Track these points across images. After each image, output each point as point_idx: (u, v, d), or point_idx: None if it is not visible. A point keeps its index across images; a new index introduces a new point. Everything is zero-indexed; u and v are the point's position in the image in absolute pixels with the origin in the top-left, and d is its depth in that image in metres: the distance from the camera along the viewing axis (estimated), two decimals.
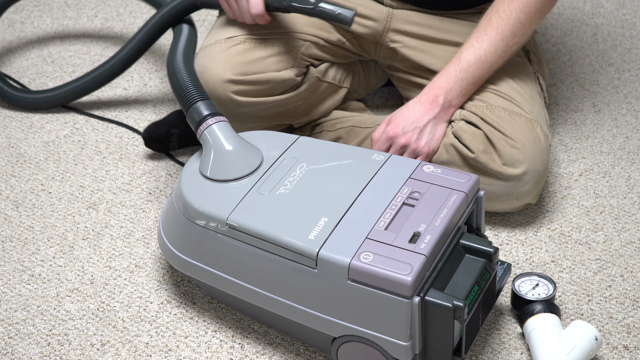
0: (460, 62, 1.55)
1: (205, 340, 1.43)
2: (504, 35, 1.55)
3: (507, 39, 1.55)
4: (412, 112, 1.55)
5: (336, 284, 1.24)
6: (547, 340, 1.33)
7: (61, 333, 1.45)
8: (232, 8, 1.61)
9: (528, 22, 1.55)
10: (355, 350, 1.30)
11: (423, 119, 1.54)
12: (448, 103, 1.56)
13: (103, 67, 1.84)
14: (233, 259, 1.34)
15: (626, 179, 1.72)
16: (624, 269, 1.53)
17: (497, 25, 1.55)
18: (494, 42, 1.55)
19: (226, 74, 1.59)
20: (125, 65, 1.83)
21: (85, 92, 1.88)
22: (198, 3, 1.71)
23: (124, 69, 1.84)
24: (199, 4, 1.71)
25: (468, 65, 1.55)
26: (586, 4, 2.24)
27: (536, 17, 1.55)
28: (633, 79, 1.98)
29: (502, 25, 1.54)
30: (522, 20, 1.54)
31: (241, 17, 1.62)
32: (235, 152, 1.41)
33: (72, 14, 2.27)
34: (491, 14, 1.56)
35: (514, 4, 1.54)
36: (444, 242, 1.28)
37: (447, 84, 1.55)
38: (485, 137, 1.55)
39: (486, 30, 1.55)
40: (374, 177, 1.36)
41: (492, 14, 1.56)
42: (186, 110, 1.47)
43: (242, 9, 1.59)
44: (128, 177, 1.76)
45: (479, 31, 1.56)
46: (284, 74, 1.63)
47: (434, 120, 1.55)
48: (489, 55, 1.55)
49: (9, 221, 1.66)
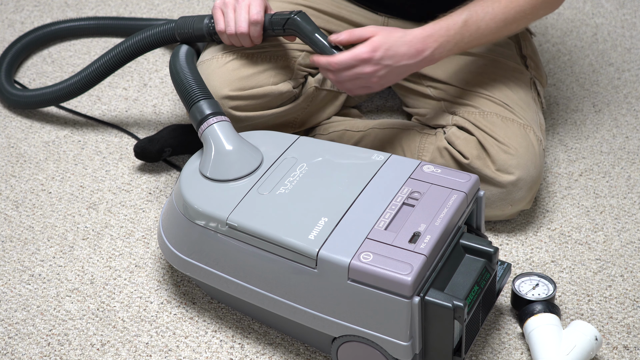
0: (464, 26, 1.48)
1: (205, 340, 1.43)
2: (506, 18, 1.50)
3: (508, 23, 1.51)
4: (397, 50, 1.46)
5: (336, 284, 1.24)
6: (547, 340, 1.33)
7: (61, 333, 1.45)
8: (227, 17, 1.55)
9: (530, 15, 1.52)
10: (355, 350, 1.30)
11: (400, 61, 1.47)
12: (429, 58, 1.49)
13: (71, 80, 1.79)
14: (233, 259, 1.34)
15: (626, 179, 1.72)
16: (624, 269, 1.53)
17: (505, 5, 1.50)
18: (496, 20, 1.50)
19: (224, 90, 1.57)
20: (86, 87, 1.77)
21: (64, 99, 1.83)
22: (178, 37, 1.63)
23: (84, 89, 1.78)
24: (179, 39, 1.64)
25: (467, 33, 1.49)
26: (586, 4, 2.24)
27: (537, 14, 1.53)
28: (633, 79, 1.98)
29: (509, 7, 1.50)
30: (527, 11, 1.51)
31: (235, 29, 1.55)
32: (235, 152, 1.41)
33: (72, 14, 2.27)
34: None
35: None
36: (444, 242, 1.28)
37: (440, 41, 1.48)
38: (478, 143, 1.55)
39: (493, 6, 1.50)
40: (374, 177, 1.36)
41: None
42: (188, 108, 1.48)
43: (239, 16, 1.54)
44: (128, 177, 1.76)
45: (486, 1, 1.50)
46: (282, 87, 1.61)
47: (405, 67, 1.48)
48: (487, 31, 1.50)
49: (9, 221, 1.66)
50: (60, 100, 1.82)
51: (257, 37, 1.55)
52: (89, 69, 1.74)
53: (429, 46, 1.47)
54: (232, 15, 1.55)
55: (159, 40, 1.66)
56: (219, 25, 1.57)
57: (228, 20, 1.55)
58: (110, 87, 2.00)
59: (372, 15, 1.70)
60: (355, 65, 1.45)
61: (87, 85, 1.76)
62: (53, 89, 1.81)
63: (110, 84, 2.00)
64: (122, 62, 1.71)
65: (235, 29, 1.55)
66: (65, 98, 1.81)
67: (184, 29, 1.61)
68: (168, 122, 1.89)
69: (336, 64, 1.45)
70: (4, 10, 2.28)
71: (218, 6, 1.56)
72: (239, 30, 1.54)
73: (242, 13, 1.54)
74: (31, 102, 1.86)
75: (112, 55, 1.70)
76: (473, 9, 1.50)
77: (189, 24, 1.61)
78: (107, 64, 1.72)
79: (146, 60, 2.08)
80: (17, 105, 1.89)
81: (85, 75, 1.75)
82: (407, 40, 1.46)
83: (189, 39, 1.62)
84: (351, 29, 1.67)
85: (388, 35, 1.45)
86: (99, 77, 1.74)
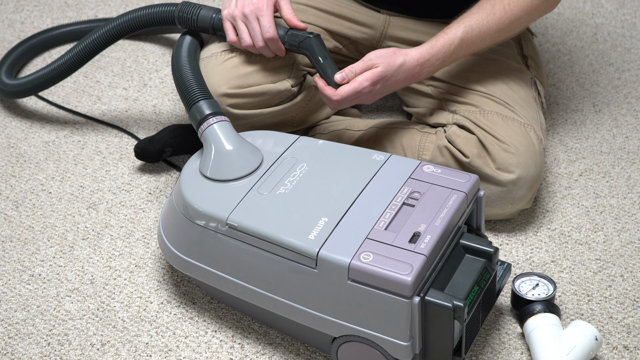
0: (460, 45, 1.52)
1: (205, 340, 1.43)
2: (501, 28, 1.53)
3: (503, 32, 1.54)
4: (395, 79, 1.50)
5: (336, 284, 1.24)
6: (547, 340, 1.33)
7: (61, 333, 1.45)
8: (239, 31, 1.55)
9: (525, 21, 1.54)
10: (355, 350, 1.30)
11: (397, 85, 1.52)
12: (424, 77, 1.54)
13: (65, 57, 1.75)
14: (233, 259, 1.34)
15: (626, 179, 1.72)
16: (624, 269, 1.53)
17: (500, 17, 1.52)
18: (491, 32, 1.53)
19: (222, 88, 1.57)
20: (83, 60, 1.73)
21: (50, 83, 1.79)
22: (177, 21, 1.62)
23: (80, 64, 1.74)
24: (177, 23, 1.62)
25: (462, 50, 1.53)
26: (586, 4, 2.24)
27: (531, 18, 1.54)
28: (633, 79, 1.98)
29: (504, 17, 1.52)
30: (522, 18, 1.54)
31: (252, 44, 1.55)
32: (235, 152, 1.41)
33: (72, 14, 2.27)
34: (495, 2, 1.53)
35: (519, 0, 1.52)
36: (444, 242, 1.28)
37: (436, 64, 1.53)
38: (478, 142, 1.55)
39: (488, 18, 1.52)
40: (374, 177, 1.36)
41: (497, 1, 1.53)
42: (188, 108, 1.48)
43: (253, 31, 1.53)
44: (128, 177, 1.76)
45: (480, 13, 1.53)
46: (280, 85, 1.61)
47: (399, 86, 1.53)
48: (481, 44, 1.54)
49: (9, 221, 1.66)
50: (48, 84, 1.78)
51: (278, 50, 1.56)
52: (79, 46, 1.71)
53: (425, 69, 1.52)
54: (245, 28, 1.54)
55: (155, 20, 1.64)
56: (230, 37, 1.56)
57: (242, 35, 1.55)
58: (110, 87, 2.00)
59: (373, 13, 1.70)
60: (356, 97, 1.49)
61: (75, 65, 1.73)
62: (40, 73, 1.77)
63: (110, 84, 2.00)
64: (113, 40, 1.68)
65: (253, 43, 1.55)
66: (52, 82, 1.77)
67: (187, 15, 1.60)
68: (168, 122, 1.89)
69: (340, 97, 1.49)
70: (4, 10, 2.28)
71: (225, 17, 1.56)
72: (258, 45, 1.55)
73: (255, 27, 1.53)
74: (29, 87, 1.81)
75: (103, 32, 1.68)
76: (468, 24, 1.52)
77: (194, 11, 1.60)
78: (97, 41, 1.69)
79: (146, 60, 2.08)
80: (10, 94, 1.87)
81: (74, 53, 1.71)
82: (406, 68, 1.51)
83: (189, 26, 1.61)
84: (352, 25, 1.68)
85: (388, 66, 1.49)
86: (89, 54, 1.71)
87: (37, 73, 1.79)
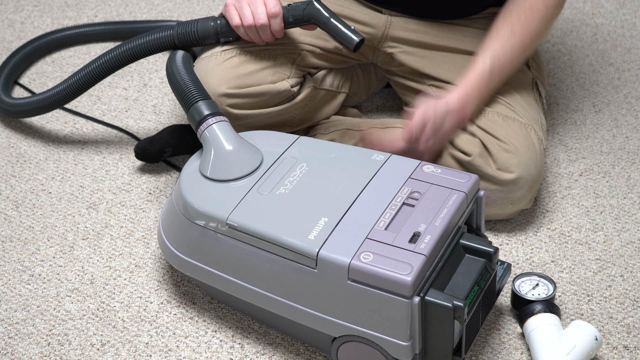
0: (491, 75, 1.54)
1: (205, 340, 1.43)
2: (524, 46, 1.55)
3: (526, 49, 1.56)
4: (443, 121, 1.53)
5: (336, 284, 1.24)
6: (547, 340, 1.33)
7: (61, 333, 1.45)
8: (242, 11, 1.54)
9: (545, 32, 1.56)
10: (355, 350, 1.30)
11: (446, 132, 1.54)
12: (468, 114, 1.56)
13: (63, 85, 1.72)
14: (233, 259, 1.34)
15: (626, 179, 1.72)
16: (624, 269, 1.53)
17: (520, 36, 1.54)
18: (515, 53, 1.54)
19: (221, 88, 1.57)
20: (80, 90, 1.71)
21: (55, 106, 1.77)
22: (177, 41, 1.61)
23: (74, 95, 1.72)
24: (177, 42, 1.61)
25: (495, 80, 1.55)
26: (586, 4, 2.24)
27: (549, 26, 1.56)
28: (633, 79, 1.98)
29: (524, 34, 1.54)
30: (542, 30, 1.54)
31: (254, 21, 1.54)
32: (235, 152, 1.41)
33: (72, 14, 2.27)
34: (512, 20, 1.54)
35: (535, 14, 1.53)
36: (444, 242, 1.28)
37: (476, 103, 1.55)
38: (479, 142, 1.55)
39: (510, 40, 1.54)
40: (374, 177, 1.36)
41: (514, 21, 1.54)
42: (187, 109, 1.48)
43: (257, 9, 1.53)
44: (128, 177, 1.76)
45: (501, 38, 1.54)
46: (280, 86, 1.61)
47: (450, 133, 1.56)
48: (510, 67, 1.56)
49: (9, 221, 1.66)
50: (51, 108, 1.75)
51: (279, 31, 1.55)
52: (77, 76, 1.69)
53: (466, 104, 1.54)
54: (248, 8, 1.54)
55: (155, 48, 1.62)
56: (234, 20, 1.56)
57: (245, 14, 1.54)
58: (110, 87, 2.00)
59: (375, 13, 1.70)
60: (427, 122, 1.49)
61: (76, 92, 1.70)
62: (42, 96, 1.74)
63: (110, 84, 2.00)
64: (108, 72, 1.66)
65: (254, 21, 1.54)
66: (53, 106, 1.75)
67: (186, 31, 1.60)
68: (168, 122, 1.89)
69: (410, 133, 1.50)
70: (4, 10, 2.28)
71: (231, 3, 1.56)
72: (259, 22, 1.54)
73: (259, 6, 1.54)
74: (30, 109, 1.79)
75: (103, 61, 1.65)
76: (493, 50, 1.53)
77: (192, 27, 1.60)
78: (92, 73, 1.67)
79: (146, 60, 2.08)
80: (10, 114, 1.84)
81: (73, 81, 1.69)
82: (450, 109, 1.52)
83: (190, 41, 1.61)
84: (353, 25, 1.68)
85: (429, 102, 1.52)
86: (87, 83, 1.68)
87: (31, 98, 1.77)
